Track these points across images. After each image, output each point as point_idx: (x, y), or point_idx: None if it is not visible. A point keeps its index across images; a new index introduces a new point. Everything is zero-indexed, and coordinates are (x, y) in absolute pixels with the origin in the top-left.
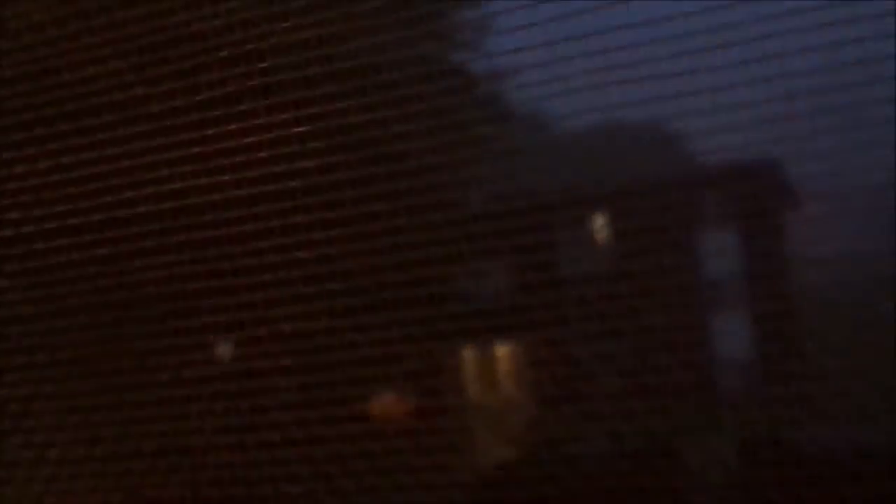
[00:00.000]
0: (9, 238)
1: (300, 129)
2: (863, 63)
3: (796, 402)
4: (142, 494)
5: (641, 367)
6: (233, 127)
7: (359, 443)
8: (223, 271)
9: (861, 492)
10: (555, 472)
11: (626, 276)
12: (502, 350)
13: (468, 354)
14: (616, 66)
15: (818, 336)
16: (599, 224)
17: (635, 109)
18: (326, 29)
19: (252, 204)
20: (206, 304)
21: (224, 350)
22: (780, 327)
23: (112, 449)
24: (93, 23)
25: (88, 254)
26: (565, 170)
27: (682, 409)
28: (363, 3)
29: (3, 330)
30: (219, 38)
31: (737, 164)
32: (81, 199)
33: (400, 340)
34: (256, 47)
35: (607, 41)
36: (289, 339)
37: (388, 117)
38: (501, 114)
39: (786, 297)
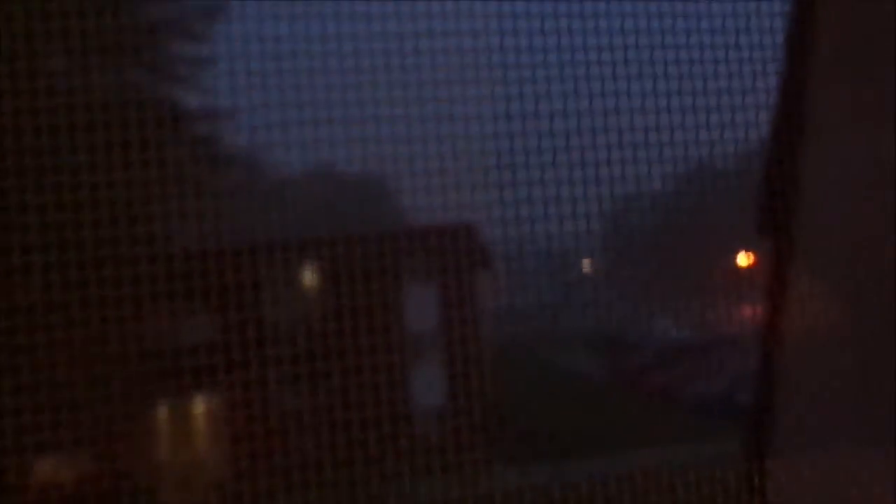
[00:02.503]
0: None
1: None
2: (546, 143)
3: (484, 448)
4: None
5: (341, 420)
6: None
7: None
8: None
9: None
10: None
11: (330, 328)
12: (197, 404)
13: (158, 410)
14: (333, 117)
15: (504, 384)
16: (306, 273)
17: (349, 161)
18: (21, 46)
19: None
20: None
21: None
22: (471, 376)
23: None
24: None
25: None
26: (274, 215)
27: (384, 460)
28: (66, 22)
29: None
30: None
31: (438, 225)
32: None
33: (75, 395)
34: None
35: (328, 92)
36: None
37: (88, 147)
38: (211, 154)
39: (478, 347)
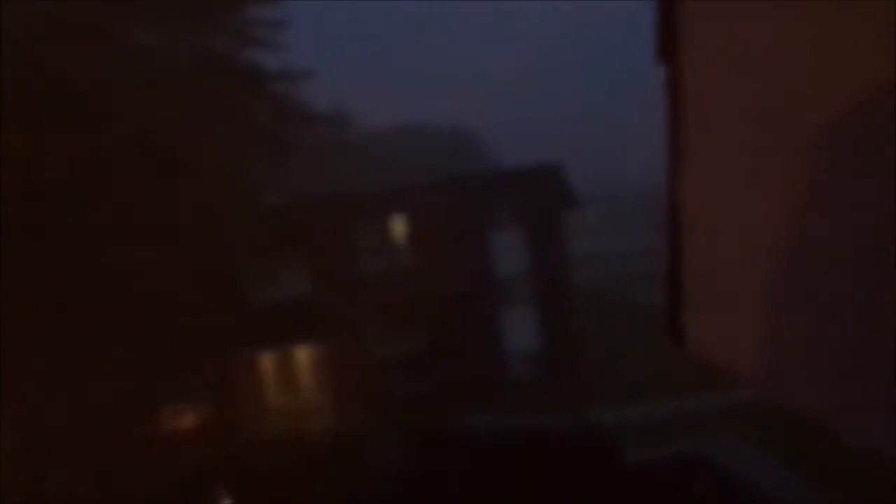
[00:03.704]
0: None
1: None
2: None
3: (575, 388)
4: None
5: (441, 364)
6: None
7: (151, 455)
8: None
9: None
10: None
11: (422, 275)
12: (302, 353)
13: (266, 359)
14: (415, 70)
15: (595, 326)
16: (396, 224)
17: (434, 113)
18: (107, 17)
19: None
20: None
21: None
22: (561, 320)
23: None
24: None
25: None
26: (363, 170)
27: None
28: None
29: None
30: None
31: (523, 170)
32: None
33: (191, 349)
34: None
35: (409, 45)
36: (63, 354)
37: (176, 115)
38: (297, 113)
39: (566, 292)
